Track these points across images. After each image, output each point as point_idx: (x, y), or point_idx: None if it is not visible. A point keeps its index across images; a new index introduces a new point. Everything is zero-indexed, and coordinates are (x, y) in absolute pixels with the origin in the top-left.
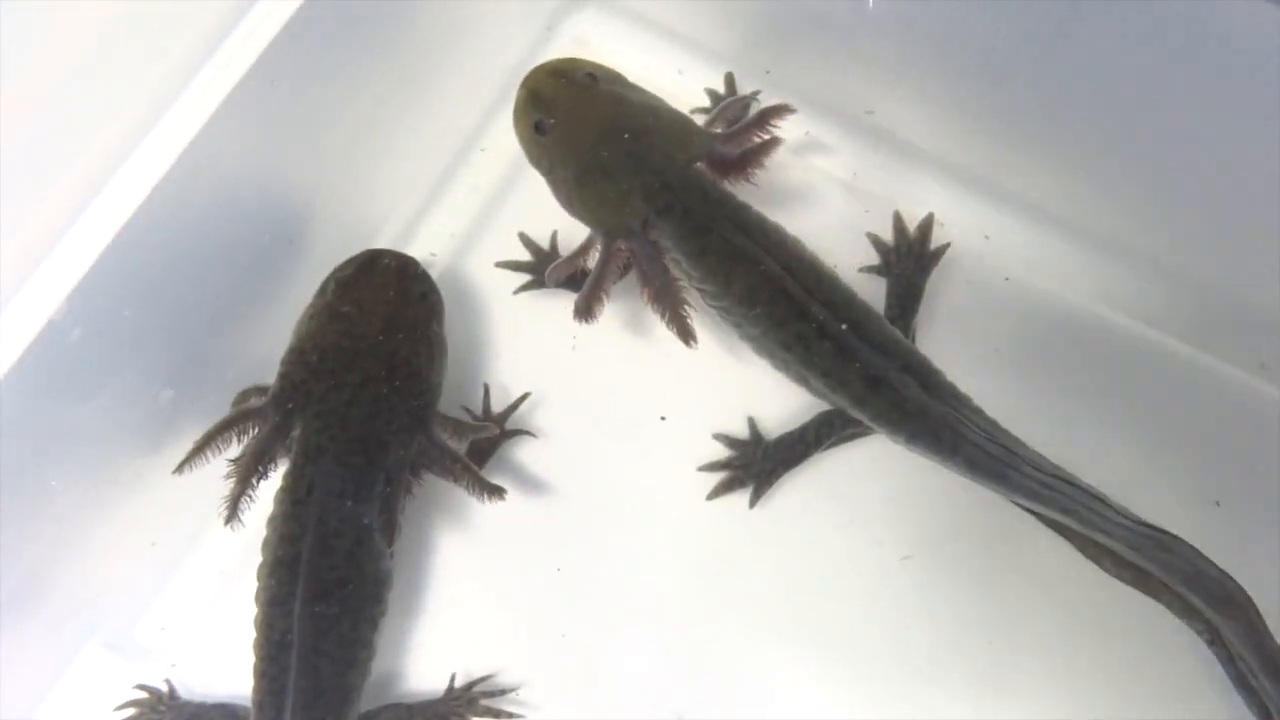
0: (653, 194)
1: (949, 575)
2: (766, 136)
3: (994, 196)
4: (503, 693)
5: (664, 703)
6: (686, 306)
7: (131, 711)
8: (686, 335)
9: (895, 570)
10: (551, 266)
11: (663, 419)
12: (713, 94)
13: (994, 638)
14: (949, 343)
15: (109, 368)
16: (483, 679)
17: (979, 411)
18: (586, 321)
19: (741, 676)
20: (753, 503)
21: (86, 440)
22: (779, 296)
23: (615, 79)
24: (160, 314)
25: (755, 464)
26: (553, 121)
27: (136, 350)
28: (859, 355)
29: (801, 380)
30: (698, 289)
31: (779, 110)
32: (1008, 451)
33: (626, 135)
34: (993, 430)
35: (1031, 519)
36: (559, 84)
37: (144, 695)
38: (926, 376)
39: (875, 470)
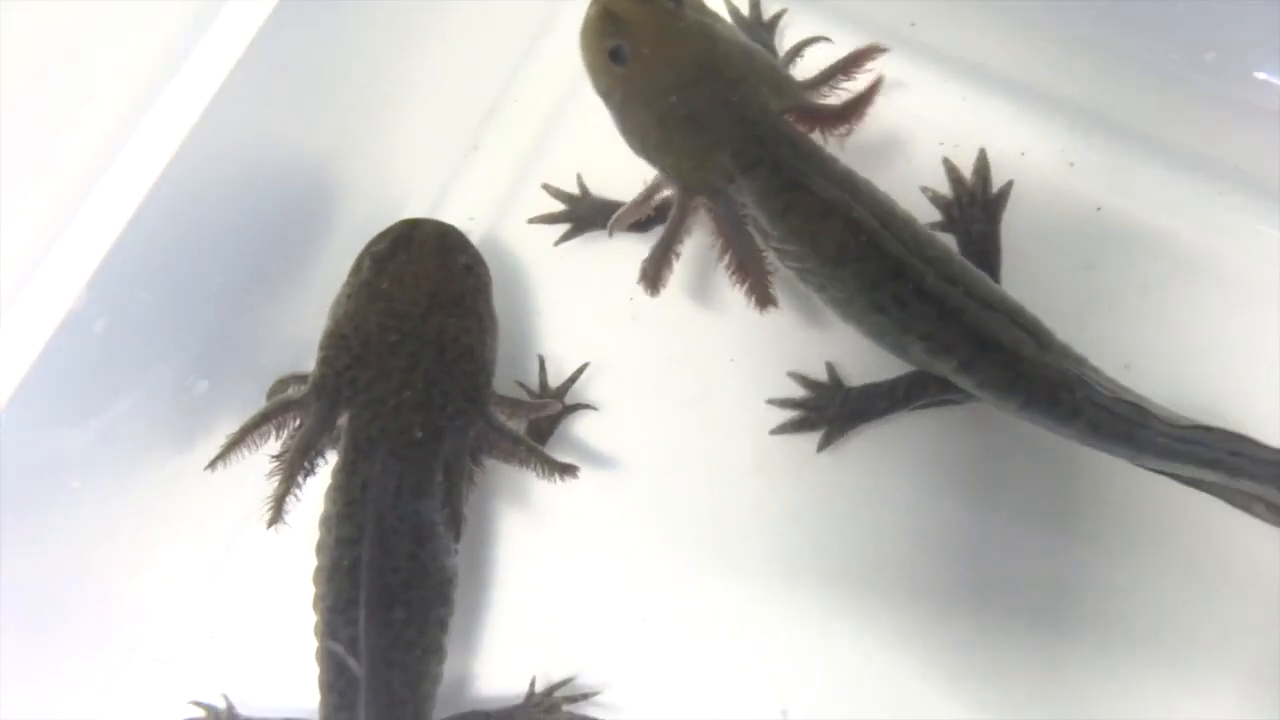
0: (743, 149)
1: (1039, 534)
2: (853, 80)
3: (1075, 119)
4: (585, 696)
5: (758, 686)
6: (770, 276)
7: None
8: (766, 302)
9: (983, 530)
10: (615, 217)
11: (728, 380)
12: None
13: (1098, 598)
14: (1042, 289)
15: (139, 359)
16: (564, 682)
17: (1097, 370)
18: (654, 290)
19: (832, 650)
20: (821, 446)
21: (117, 440)
22: (872, 254)
23: (699, 7)
24: (187, 299)
25: (831, 409)
26: (633, 51)
27: (167, 340)
28: (964, 315)
29: (897, 348)
30: (775, 249)
31: (868, 52)
32: (1136, 409)
33: (721, 80)
34: (1115, 388)
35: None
36: (641, 7)
37: (201, 713)
38: (1039, 335)
39: (958, 425)
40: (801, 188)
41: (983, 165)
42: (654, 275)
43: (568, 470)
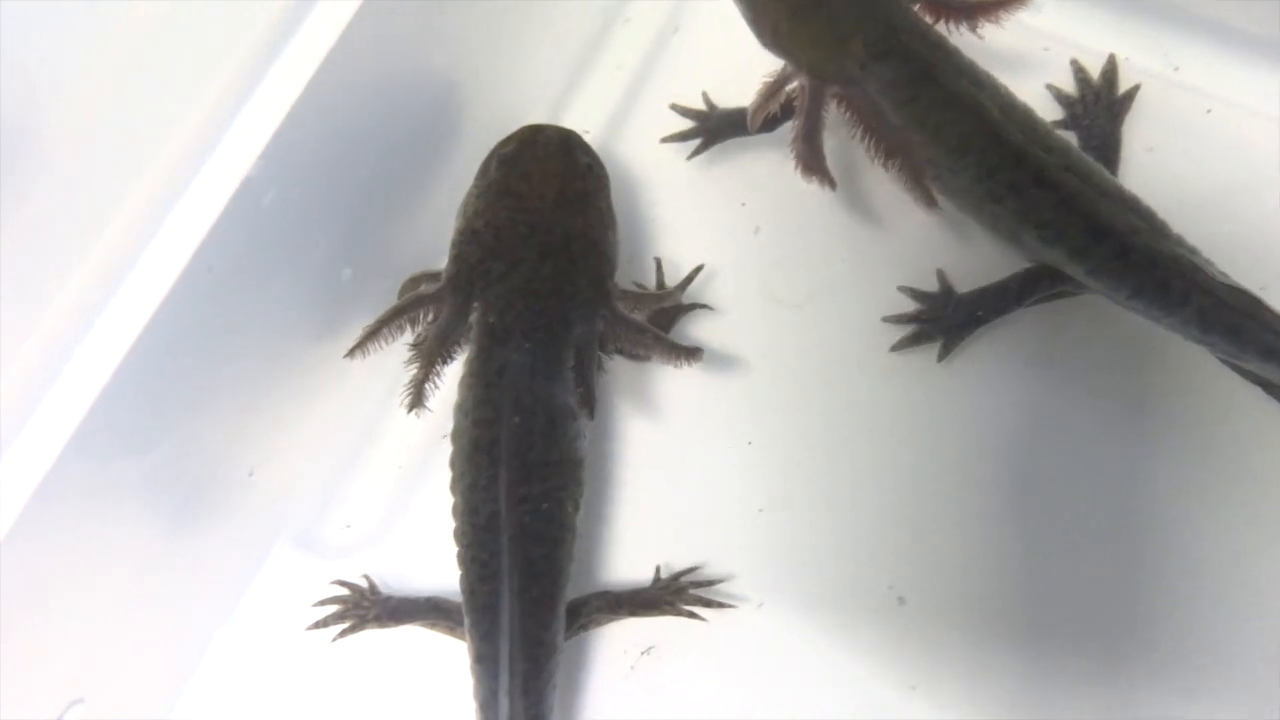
0: (876, 38)
1: (1154, 438)
2: None
3: (1178, 23)
4: (710, 584)
5: (874, 574)
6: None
7: (335, 608)
8: (920, 184)
9: (1096, 432)
10: (750, 112)
11: (839, 280)
12: None
13: (1197, 504)
14: (1154, 192)
15: (298, 238)
16: (690, 570)
17: (1210, 263)
18: (820, 177)
19: (945, 539)
20: (941, 356)
21: (270, 320)
22: (993, 144)
23: None
24: (340, 189)
25: (946, 317)
26: None
27: (320, 224)
28: (1080, 202)
29: (1011, 237)
30: None
31: None
32: (1248, 300)
33: None
34: (1227, 280)
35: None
36: None
37: (345, 591)
38: (1153, 223)
39: (1075, 326)
40: (929, 78)
41: (1111, 69)
42: (809, 164)
43: (692, 354)
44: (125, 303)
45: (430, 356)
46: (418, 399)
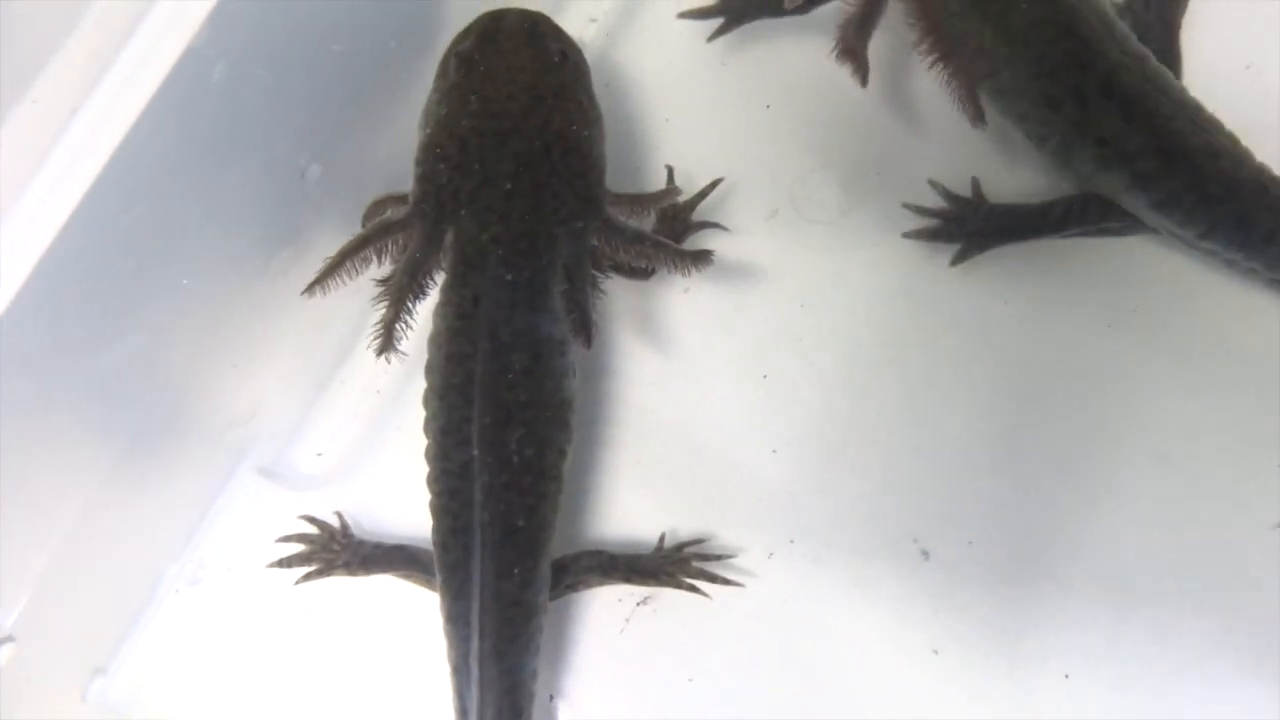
0: None
1: (1217, 396)
2: None
3: None
4: (719, 558)
5: (897, 525)
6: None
7: (300, 547)
8: (977, 111)
9: (1152, 385)
10: None
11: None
12: None
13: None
14: (1227, 100)
15: (254, 125)
16: (695, 542)
17: None
18: (855, 67)
19: (976, 488)
20: (955, 261)
21: (226, 222)
22: (1062, 37)
23: None
24: (306, 64)
25: (971, 223)
26: None
27: (284, 108)
28: (1153, 119)
29: (1061, 153)
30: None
31: None
32: None
33: None
34: None
35: None
36: None
37: (313, 530)
38: (1237, 153)
39: (1133, 260)
40: None
41: None
42: (850, 48)
43: (700, 259)
44: (49, 187)
45: (400, 293)
46: (388, 342)
